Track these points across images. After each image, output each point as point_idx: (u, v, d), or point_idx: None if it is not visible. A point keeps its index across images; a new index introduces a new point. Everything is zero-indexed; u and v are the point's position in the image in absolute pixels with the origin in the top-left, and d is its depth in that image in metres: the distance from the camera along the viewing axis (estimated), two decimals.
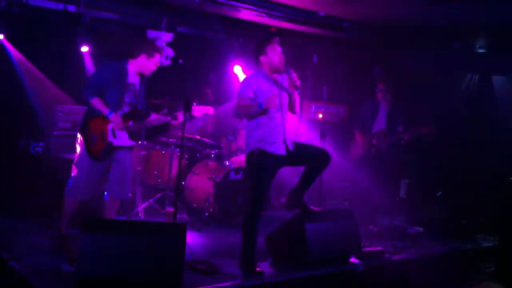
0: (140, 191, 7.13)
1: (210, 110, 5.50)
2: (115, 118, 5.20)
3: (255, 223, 5.13)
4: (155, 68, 5.37)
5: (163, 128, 7.11)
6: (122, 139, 5.30)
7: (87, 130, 5.19)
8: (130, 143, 5.39)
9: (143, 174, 7.26)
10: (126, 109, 5.30)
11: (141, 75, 5.39)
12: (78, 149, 5.31)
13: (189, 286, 4.58)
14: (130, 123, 5.31)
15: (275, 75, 5.17)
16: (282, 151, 5.10)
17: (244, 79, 5.14)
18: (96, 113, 5.19)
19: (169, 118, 5.49)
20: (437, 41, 8.27)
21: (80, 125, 5.33)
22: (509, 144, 8.16)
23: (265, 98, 4.88)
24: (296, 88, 5.07)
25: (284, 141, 5.10)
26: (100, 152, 5.21)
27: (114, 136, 5.24)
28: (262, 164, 5.02)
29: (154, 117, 5.53)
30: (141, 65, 5.31)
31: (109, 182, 5.41)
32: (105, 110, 5.17)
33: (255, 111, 4.93)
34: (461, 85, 9.14)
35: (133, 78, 5.32)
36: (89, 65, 6.95)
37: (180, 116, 5.38)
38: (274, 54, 5.08)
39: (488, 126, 8.69)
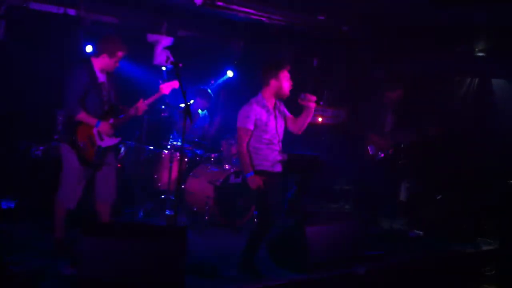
0: (140, 194, 7.14)
1: (175, 84, 5.42)
2: (103, 127, 5.18)
3: (263, 236, 5.25)
4: (117, 65, 5.31)
5: None
6: (108, 139, 5.28)
7: (75, 138, 5.10)
8: (116, 140, 5.36)
9: (143, 177, 7.26)
10: (105, 107, 5.30)
11: (107, 72, 5.35)
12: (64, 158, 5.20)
13: None
14: (111, 121, 5.29)
15: (274, 101, 5.26)
16: (278, 169, 5.24)
17: (244, 110, 5.17)
18: (80, 121, 5.13)
19: (133, 111, 5.38)
20: (438, 45, 8.29)
21: (64, 134, 5.22)
22: (510, 147, 8.16)
23: (255, 183, 5.04)
24: (317, 103, 5.16)
25: (280, 161, 5.25)
26: (94, 157, 5.18)
27: (101, 138, 5.22)
28: (263, 183, 5.10)
29: (130, 111, 5.43)
30: (103, 64, 5.24)
31: (96, 186, 5.34)
32: (92, 121, 5.13)
33: (246, 169, 5.11)
34: (462, 88, 9.15)
35: (101, 76, 5.28)
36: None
37: (141, 107, 5.35)
38: (285, 80, 5.17)
39: (489, 129, 8.70)
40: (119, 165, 6.36)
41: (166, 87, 5.49)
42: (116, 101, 5.40)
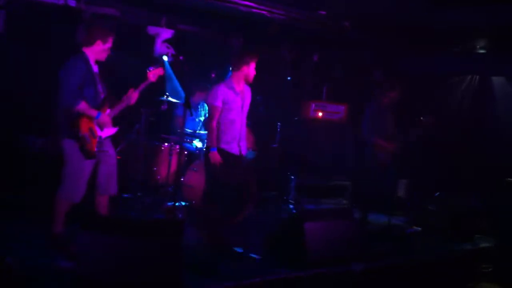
0: (139, 187, 7.12)
1: (160, 71, 5.62)
2: (103, 118, 5.20)
3: (216, 214, 5.75)
4: (109, 52, 5.30)
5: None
6: (107, 129, 5.31)
7: (77, 130, 5.08)
8: (114, 130, 5.39)
9: (142, 170, 7.24)
10: (101, 98, 5.28)
11: (98, 61, 5.32)
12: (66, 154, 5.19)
13: (187, 286, 4.57)
14: (108, 111, 5.29)
15: (243, 85, 5.84)
16: (235, 151, 5.78)
17: (213, 90, 5.80)
18: (80, 113, 5.12)
19: (125, 100, 5.40)
20: (437, 44, 8.28)
21: (64, 129, 5.16)
22: (508, 145, 8.17)
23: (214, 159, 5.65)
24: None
25: (238, 143, 5.78)
26: (95, 148, 5.19)
27: (101, 129, 5.26)
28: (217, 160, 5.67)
29: (123, 100, 5.44)
30: (97, 52, 5.22)
31: (98, 179, 5.35)
32: (93, 113, 5.13)
33: (211, 144, 5.70)
34: (461, 87, 9.15)
35: (94, 66, 5.26)
36: None
37: (133, 96, 5.40)
38: (252, 68, 5.81)
39: (487, 126, 8.70)
40: (118, 157, 6.36)
41: (153, 75, 5.59)
42: (106, 92, 5.39)
